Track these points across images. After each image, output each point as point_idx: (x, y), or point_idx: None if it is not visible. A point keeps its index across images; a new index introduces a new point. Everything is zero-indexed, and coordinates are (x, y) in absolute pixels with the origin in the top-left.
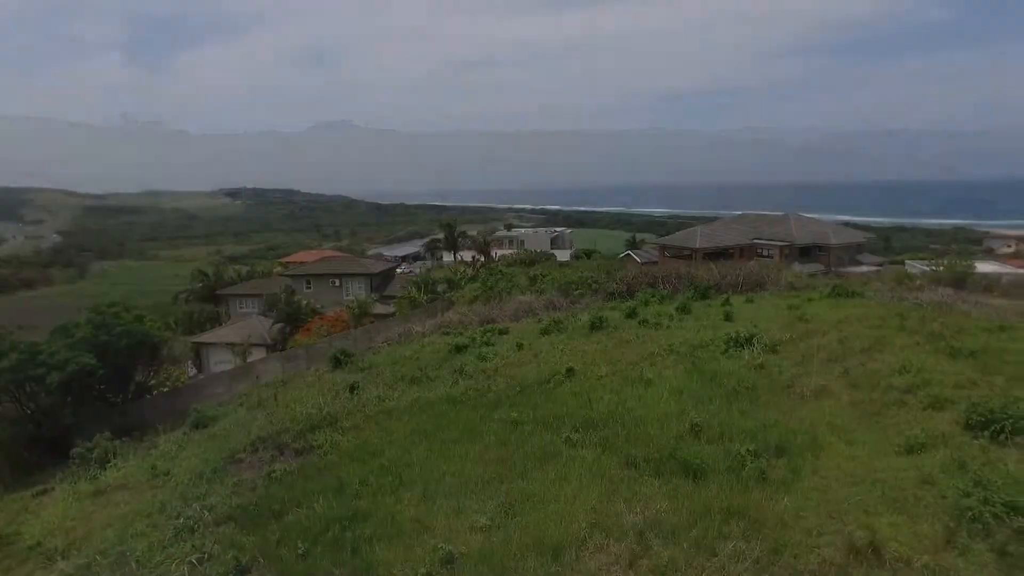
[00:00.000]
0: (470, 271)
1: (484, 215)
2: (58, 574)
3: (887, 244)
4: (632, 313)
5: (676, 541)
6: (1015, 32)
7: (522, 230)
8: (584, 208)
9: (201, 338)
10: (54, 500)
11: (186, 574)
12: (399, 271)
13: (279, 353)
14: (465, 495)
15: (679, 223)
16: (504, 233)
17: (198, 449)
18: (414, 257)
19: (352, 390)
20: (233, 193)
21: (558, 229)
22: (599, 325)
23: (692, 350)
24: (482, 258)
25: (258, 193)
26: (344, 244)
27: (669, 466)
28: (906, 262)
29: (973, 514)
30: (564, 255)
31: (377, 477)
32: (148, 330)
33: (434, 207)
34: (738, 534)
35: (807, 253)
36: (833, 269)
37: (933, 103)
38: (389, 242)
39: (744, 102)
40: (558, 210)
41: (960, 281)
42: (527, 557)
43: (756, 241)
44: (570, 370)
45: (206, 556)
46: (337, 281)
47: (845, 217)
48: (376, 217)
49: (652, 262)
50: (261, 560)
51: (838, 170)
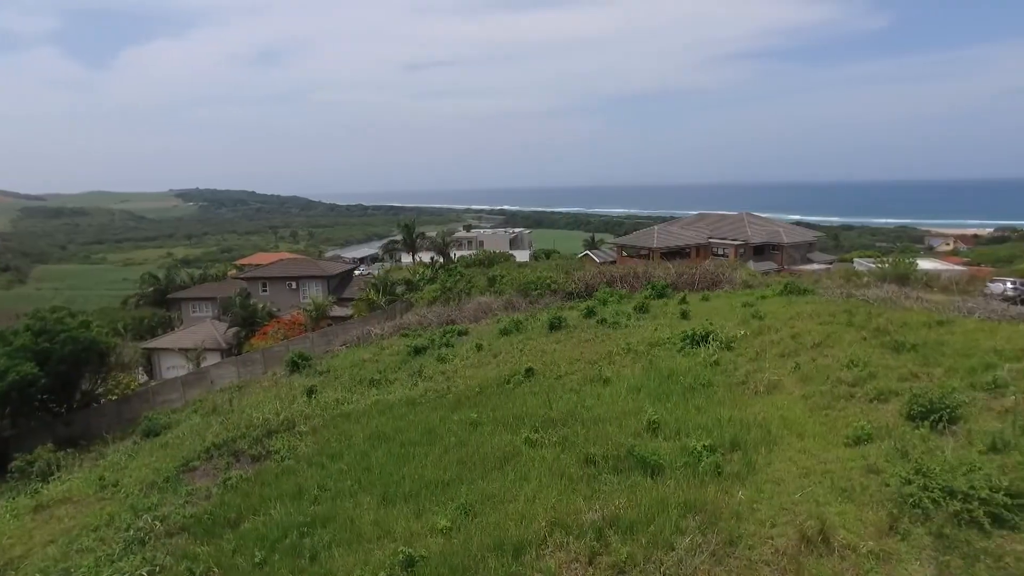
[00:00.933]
0: (429, 272)
1: (442, 216)
2: None
3: (836, 242)
4: (590, 312)
5: (634, 537)
6: (951, 40)
7: (481, 231)
8: (542, 208)
9: (152, 343)
10: None
11: None
12: (357, 273)
13: (235, 357)
14: (425, 497)
15: (636, 223)
16: (463, 234)
17: (149, 458)
18: (372, 259)
19: (310, 394)
20: (185, 194)
21: (517, 230)
22: (558, 325)
23: (650, 348)
24: (441, 259)
25: (211, 194)
26: (301, 246)
27: (627, 463)
28: (854, 260)
29: (914, 500)
30: (523, 255)
31: (336, 481)
32: (95, 336)
33: (392, 208)
34: (695, 528)
35: (761, 252)
36: (786, 267)
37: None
38: (347, 244)
39: (695, 104)
40: (516, 211)
41: (904, 278)
42: (488, 558)
43: (712, 240)
44: (529, 370)
45: (158, 569)
46: (294, 284)
47: (796, 216)
48: (334, 218)
49: (610, 262)
50: (216, 570)
51: (789, 171)
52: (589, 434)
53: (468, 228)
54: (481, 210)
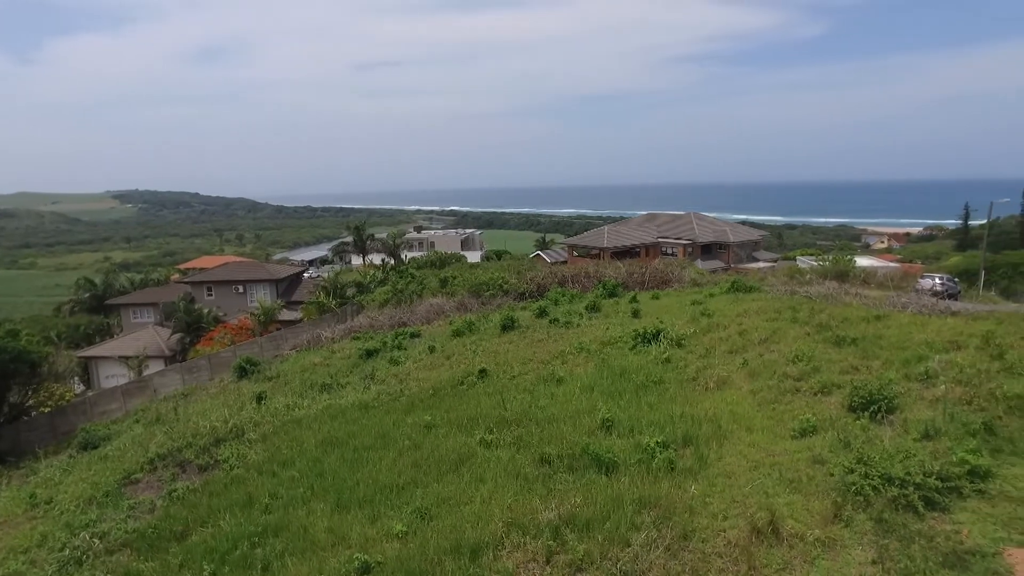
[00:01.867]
0: (380, 274)
1: (393, 217)
2: None
3: (780, 241)
4: (543, 312)
5: (591, 535)
6: (884, 48)
7: (432, 232)
8: (494, 209)
9: (89, 352)
10: None
11: None
12: (306, 276)
13: (179, 364)
14: (380, 502)
15: (587, 223)
16: (414, 235)
17: (87, 472)
18: (322, 261)
19: (259, 400)
20: (123, 195)
21: (468, 230)
22: (511, 325)
23: (602, 347)
24: (392, 261)
25: (152, 195)
26: (248, 249)
27: (582, 461)
28: (797, 258)
29: (856, 488)
30: (475, 256)
31: (288, 489)
32: (24, 346)
33: (341, 209)
34: (650, 523)
35: (708, 251)
36: (733, 266)
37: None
38: (295, 246)
39: (643, 105)
40: (467, 211)
41: (843, 275)
42: (444, 561)
43: (661, 240)
44: (483, 371)
45: None
46: (241, 287)
47: (742, 216)
48: (281, 221)
49: (562, 262)
50: None
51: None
52: (544, 433)
53: (419, 229)
54: (432, 211)
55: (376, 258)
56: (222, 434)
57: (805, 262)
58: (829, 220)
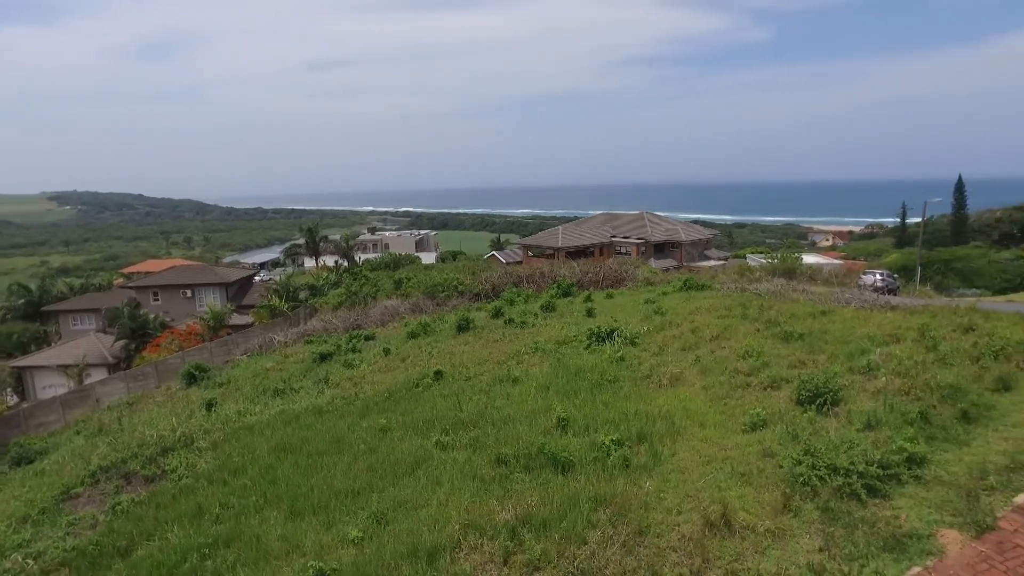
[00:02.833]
0: (333, 277)
1: (346, 218)
2: None
3: (730, 240)
4: (498, 313)
5: (548, 534)
6: (822, 53)
7: (386, 233)
8: (448, 210)
9: (23, 361)
10: None
11: None
12: (258, 279)
13: (123, 372)
14: (335, 508)
15: (541, 223)
16: (368, 237)
17: (21, 489)
18: (273, 264)
19: (209, 407)
20: (60, 197)
21: (423, 232)
22: (466, 326)
23: (557, 347)
24: (345, 263)
25: (92, 197)
26: (196, 252)
27: (538, 461)
28: (747, 256)
29: (804, 479)
30: (429, 258)
31: (239, 498)
32: None
33: (293, 211)
34: (606, 520)
35: (661, 250)
36: (685, 264)
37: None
38: (246, 249)
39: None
40: (422, 212)
41: (791, 272)
42: (402, 565)
43: (614, 239)
44: (438, 373)
45: None
46: (189, 292)
47: (693, 215)
48: (231, 223)
49: (516, 262)
50: None
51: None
52: (500, 434)
53: (373, 231)
54: (386, 212)
55: (329, 260)
56: (170, 443)
57: (754, 260)
58: (777, 219)
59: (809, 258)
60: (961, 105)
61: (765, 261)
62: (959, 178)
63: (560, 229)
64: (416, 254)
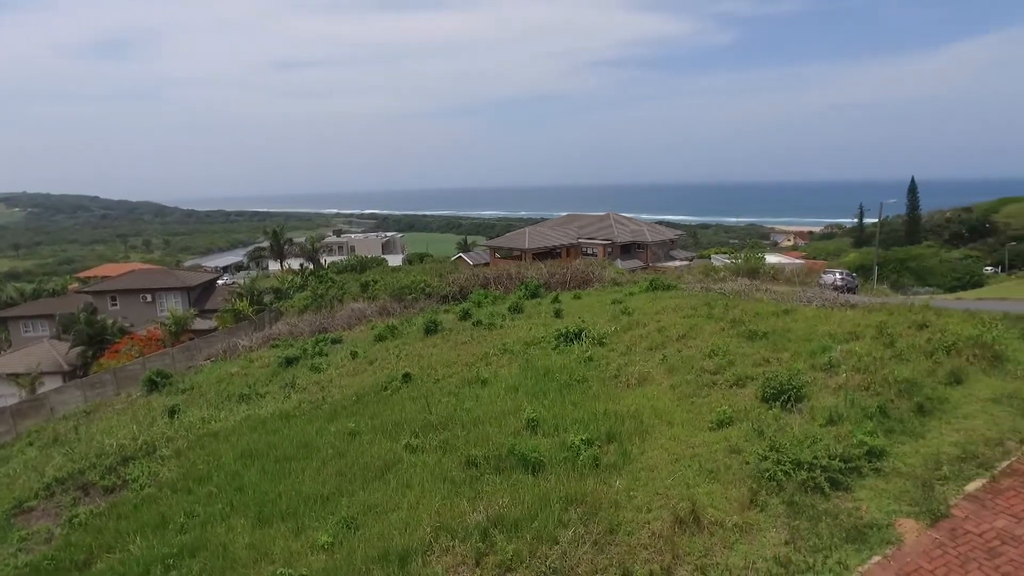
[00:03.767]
0: (299, 280)
1: (311, 221)
2: None
3: (695, 240)
4: (466, 315)
5: (519, 534)
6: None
7: (352, 235)
8: (415, 212)
9: None
10: None
11: None
12: (221, 282)
13: (80, 380)
14: (304, 514)
15: (508, 225)
16: (333, 239)
17: None
18: (237, 267)
19: (172, 414)
20: (8, 199)
21: (389, 234)
22: (434, 328)
23: (525, 348)
24: (311, 266)
25: (43, 199)
26: (156, 256)
27: (509, 462)
28: (711, 256)
29: (769, 474)
30: (396, 260)
31: (205, 506)
32: None
33: (257, 213)
34: (577, 520)
35: (627, 250)
36: (651, 264)
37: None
38: (208, 252)
39: (563, 108)
40: (388, 214)
41: (754, 272)
42: (373, 570)
43: (581, 240)
44: (407, 375)
45: None
46: (149, 296)
47: (658, 216)
48: (192, 226)
49: (484, 264)
50: None
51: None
52: (470, 436)
53: (338, 233)
54: (351, 214)
55: (295, 263)
56: (131, 452)
57: (719, 260)
58: (740, 220)
59: (772, 258)
60: (911, 109)
61: (729, 261)
62: (912, 180)
63: (527, 230)
64: (383, 256)
